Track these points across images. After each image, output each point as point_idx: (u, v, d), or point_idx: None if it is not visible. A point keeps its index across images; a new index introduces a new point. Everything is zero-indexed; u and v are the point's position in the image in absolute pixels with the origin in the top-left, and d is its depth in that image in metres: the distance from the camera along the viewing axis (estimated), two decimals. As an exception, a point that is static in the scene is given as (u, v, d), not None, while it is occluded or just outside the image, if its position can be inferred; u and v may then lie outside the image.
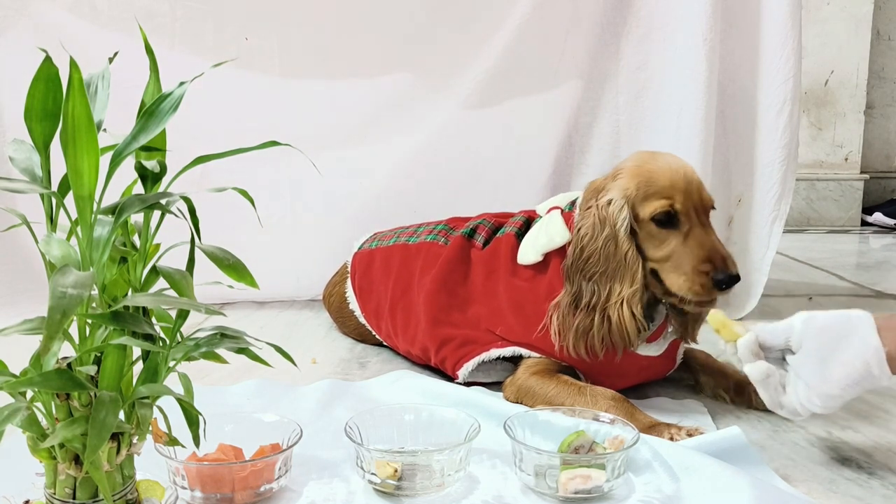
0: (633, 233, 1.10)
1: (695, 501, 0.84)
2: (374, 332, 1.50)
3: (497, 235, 1.33)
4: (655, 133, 1.74)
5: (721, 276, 1.05)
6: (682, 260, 1.08)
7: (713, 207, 1.12)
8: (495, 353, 1.22)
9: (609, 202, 1.11)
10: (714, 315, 1.04)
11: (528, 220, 1.32)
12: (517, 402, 1.15)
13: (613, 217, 1.10)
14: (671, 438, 0.99)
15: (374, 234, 1.59)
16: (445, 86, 1.83)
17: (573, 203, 1.23)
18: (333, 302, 1.61)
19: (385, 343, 1.49)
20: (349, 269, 1.57)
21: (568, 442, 0.91)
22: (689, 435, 0.99)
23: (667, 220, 1.09)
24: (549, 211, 1.25)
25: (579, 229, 1.14)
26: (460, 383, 1.25)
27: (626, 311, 1.09)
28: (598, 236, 1.11)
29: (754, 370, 0.96)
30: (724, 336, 1.02)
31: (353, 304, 1.53)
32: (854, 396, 0.91)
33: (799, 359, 0.94)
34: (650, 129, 1.76)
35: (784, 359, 0.97)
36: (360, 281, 1.51)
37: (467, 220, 1.42)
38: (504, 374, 1.23)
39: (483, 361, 1.24)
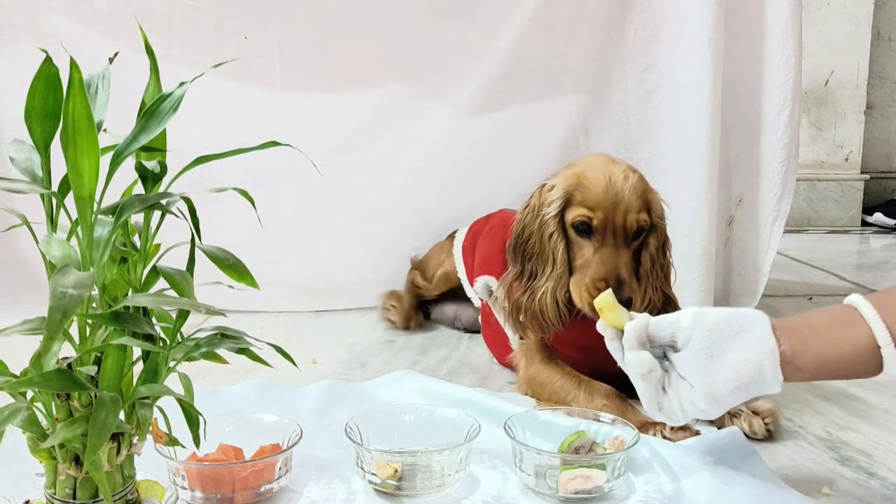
0: (564, 229, 1.15)
1: (695, 501, 0.84)
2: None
3: None
4: (666, 135, 1.73)
5: None
6: (585, 272, 1.12)
7: (640, 229, 1.13)
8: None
9: (551, 188, 1.17)
10: (604, 296, 0.90)
11: None
12: (531, 395, 1.20)
13: (548, 202, 1.15)
14: (661, 436, 1.00)
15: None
16: (449, 87, 1.82)
17: None
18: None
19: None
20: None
21: (568, 442, 0.91)
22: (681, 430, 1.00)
23: (585, 230, 1.13)
24: None
25: (522, 210, 1.21)
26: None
27: (550, 297, 1.14)
28: (535, 219, 1.17)
29: (637, 361, 0.83)
30: (607, 320, 0.88)
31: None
32: (741, 401, 0.82)
33: (685, 356, 0.82)
34: (661, 130, 1.75)
35: (665, 357, 0.86)
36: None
37: None
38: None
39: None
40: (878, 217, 3.40)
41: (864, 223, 3.44)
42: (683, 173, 1.67)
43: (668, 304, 1.17)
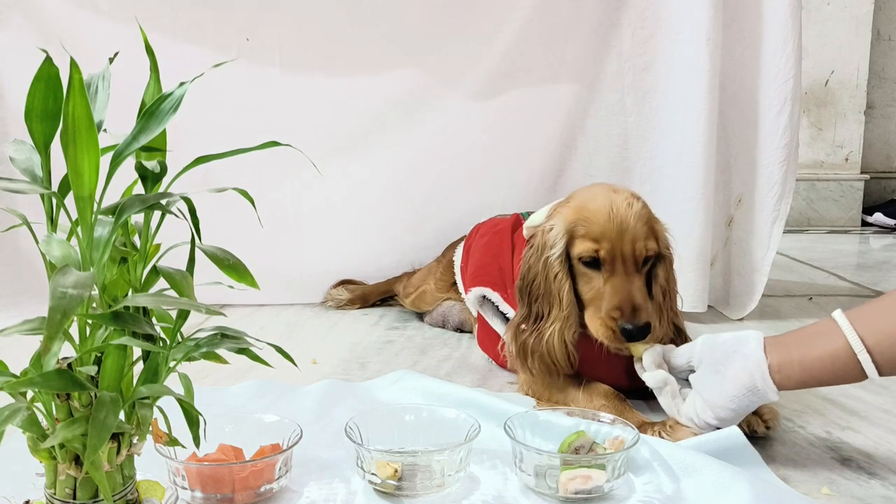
0: (570, 266, 1.14)
1: (695, 501, 0.84)
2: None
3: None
4: (664, 134, 1.73)
5: (627, 326, 1.07)
6: (599, 304, 1.11)
7: (648, 257, 1.12)
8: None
9: (551, 228, 1.15)
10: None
11: None
12: (531, 395, 1.20)
13: (550, 243, 1.14)
14: (660, 436, 1.00)
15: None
16: (448, 88, 1.82)
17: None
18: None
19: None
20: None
21: (568, 442, 0.91)
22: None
23: (593, 262, 1.11)
24: None
25: (527, 250, 1.19)
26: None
27: (558, 338, 1.12)
28: (538, 260, 1.15)
29: (652, 377, 1.05)
30: (633, 352, 1.10)
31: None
32: (746, 410, 0.97)
33: (698, 374, 1.02)
34: (659, 130, 1.75)
35: (688, 380, 1.05)
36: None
37: None
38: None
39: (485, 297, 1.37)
40: (878, 217, 3.40)
41: (864, 223, 3.44)
42: (681, 173, 1.67)
43: (678, 334, 1.17)
